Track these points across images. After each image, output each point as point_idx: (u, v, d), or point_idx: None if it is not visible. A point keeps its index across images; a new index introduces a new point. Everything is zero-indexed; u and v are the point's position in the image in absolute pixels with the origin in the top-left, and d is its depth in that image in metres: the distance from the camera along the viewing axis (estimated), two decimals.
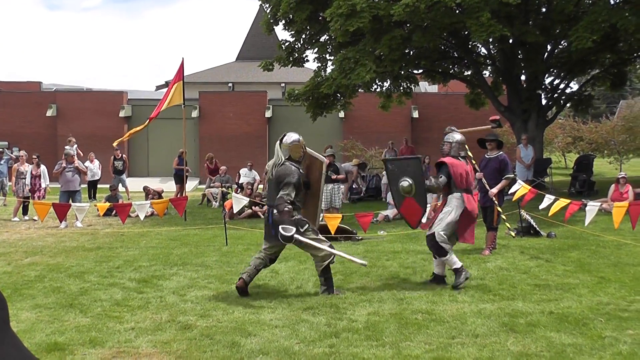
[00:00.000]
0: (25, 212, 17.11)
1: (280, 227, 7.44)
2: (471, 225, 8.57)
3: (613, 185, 16.02)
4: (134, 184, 23.55)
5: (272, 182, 7.91)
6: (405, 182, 8.39)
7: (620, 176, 16.13)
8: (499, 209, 10.88)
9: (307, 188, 8.04)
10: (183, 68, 16.60)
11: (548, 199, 11.55)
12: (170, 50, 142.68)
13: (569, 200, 11.17)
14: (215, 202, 19.96)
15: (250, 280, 7.96)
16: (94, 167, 21.17)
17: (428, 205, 9.80)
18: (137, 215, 13.81)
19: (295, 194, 7.68)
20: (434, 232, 8.29)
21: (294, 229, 7.49)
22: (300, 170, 7.81)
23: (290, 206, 7.56)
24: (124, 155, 22.19)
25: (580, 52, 17.51)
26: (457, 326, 6.38)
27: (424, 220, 9.23)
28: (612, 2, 17.72)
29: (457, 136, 8.83)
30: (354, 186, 20.98)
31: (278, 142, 7.94)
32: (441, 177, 8.43)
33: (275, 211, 7.68)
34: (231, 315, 6.95)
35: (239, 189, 18.96)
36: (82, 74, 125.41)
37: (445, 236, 8.26)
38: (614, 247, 10.90)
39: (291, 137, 7.90)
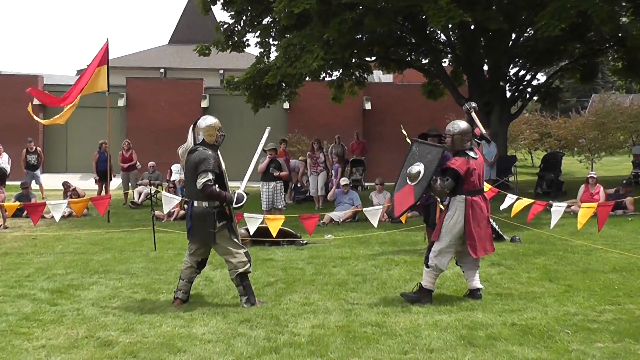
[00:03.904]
0: None
1: (233, 205, 7.71)
2: (486, 231, 8.10)
3: (583, 186, 16.34)
4: (50, 181, 23.07)
5: (187, 171, 7.92)
6: (416, 168, 8.04)
7: (590, 176, 16.45)
8: (441, 206, 11.02)
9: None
10: (108, 50, 16.32)
11: (510, 198, 11.71)
12: (94, 31, 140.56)
13: (531, 200, 11.33)
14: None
15: (187, 297, 7.98)
16: (2, 162, 20.63)
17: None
18: (52, 217, 13.49)
19: (215, 181, 7.71)
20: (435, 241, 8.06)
21: (244, 196, 7.76)
22: (217, 155, 7.83)
23: (216, 188, 7.66)
24: (38, 148, 21.66)
25: (547, 40, 17.83)
26: (411, 340, 6.41)
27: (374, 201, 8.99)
28: None
29: (461, 124, 8.16)
30: (298, 184, 20.96)
31: (192, 125, 7.95)
32: (447, 179, 7.92)
33: (200, 204, 7.77)
34: (158, 329, 6.85)
35: (171, 187, 18.73)
36: None
37: (439, 249, 7.94)
38: (583, 253, 11.10)
39: (207, 120, 7.93)
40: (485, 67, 22.01)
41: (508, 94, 22.52)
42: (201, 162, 7.65)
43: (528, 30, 20.70)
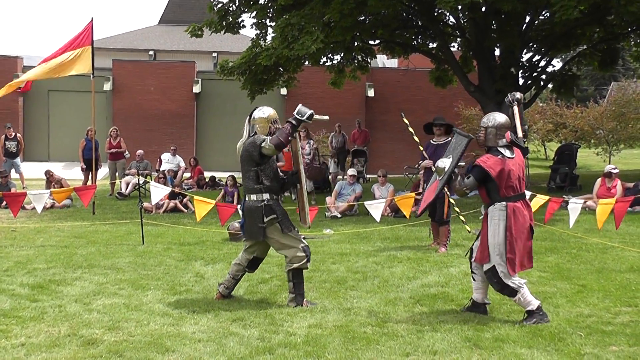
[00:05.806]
0: None
1: (304, 118, 7.73)
2: (526, 244, 7.33)
3: (599, 180, 16.32)
4: (31, 170, 23.09)
5: (242, 164, 7.99)
6: (443, 163, 7.57)
7: (608, 169, 16.41)
8: (452, 200, 11.14)
9: (297, 182, 8.20)
10: (92, 30, 16.30)
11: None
12: (78, 9, 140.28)
13: (547, 197, 11.35)
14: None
15: (228, 293, 8.12)
16: None
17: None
18: (34, 208, 13.54)
19: (268, 168, 7.83)
20: (494, 265, 7.18)
21: (300, 106, 7.81)
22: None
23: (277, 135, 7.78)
24: (18, 135, 21.67)
25: (564, 24, 17.73)
26: (413, 341, 6.45)
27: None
28: None
29: (498, 117, 7.47)
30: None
31: (248, 116, 8.04)
32: (469, 177, 7.29)
33: (250, 198, 7.85)
34: (145, 328, 6.89)
35: (161, 178, 18.74)
36: None
37: (501, 271, 7.14)
38: (599, 251, 11.13)
39: (261, 111, 7.99)
40: (497, 52, 21.95)
41: (521, 82, 22.43)
42: (254, 145, 7.73)
43: (544, 12, 20.61)
